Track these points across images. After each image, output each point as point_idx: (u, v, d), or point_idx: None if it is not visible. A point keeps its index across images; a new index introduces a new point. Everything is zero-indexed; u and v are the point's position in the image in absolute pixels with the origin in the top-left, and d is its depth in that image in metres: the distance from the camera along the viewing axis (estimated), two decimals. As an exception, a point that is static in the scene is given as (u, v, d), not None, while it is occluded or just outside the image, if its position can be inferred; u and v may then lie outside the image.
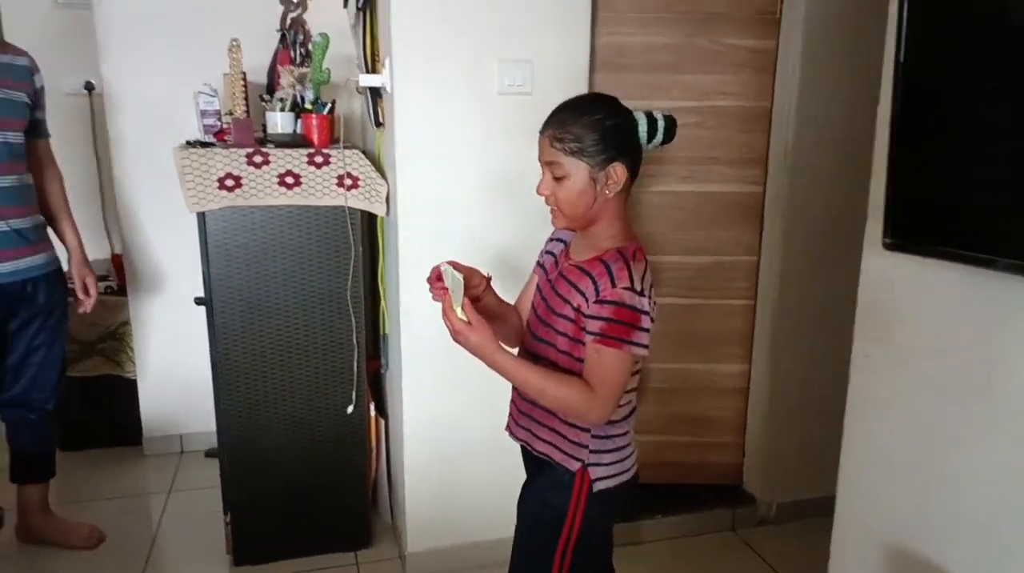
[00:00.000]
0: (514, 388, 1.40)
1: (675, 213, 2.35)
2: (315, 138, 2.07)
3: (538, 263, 1.45)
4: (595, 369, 1.23)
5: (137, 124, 2.68)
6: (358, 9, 2.05)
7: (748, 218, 2.37)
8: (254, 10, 2.52)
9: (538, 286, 1.41)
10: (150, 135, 2.66)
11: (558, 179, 1.25)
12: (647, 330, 1.22)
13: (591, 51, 2.02)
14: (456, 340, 1.26)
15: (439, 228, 2.00)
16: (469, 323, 1.23)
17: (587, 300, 1.23)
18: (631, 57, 2.22)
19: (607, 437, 1.32)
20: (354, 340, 2.17)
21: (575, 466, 1.31)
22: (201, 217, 1.98)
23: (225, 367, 2.08)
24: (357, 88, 2.20)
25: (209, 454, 2.82)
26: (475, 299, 1.32)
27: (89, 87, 3.03)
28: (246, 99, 2.11)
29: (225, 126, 2.16)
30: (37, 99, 2.10)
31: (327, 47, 2.11)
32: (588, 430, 1.31)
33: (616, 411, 1.28)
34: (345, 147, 2.06)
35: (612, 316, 1.20)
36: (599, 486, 1.31)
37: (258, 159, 1.97)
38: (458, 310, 1.24)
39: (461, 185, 1.99)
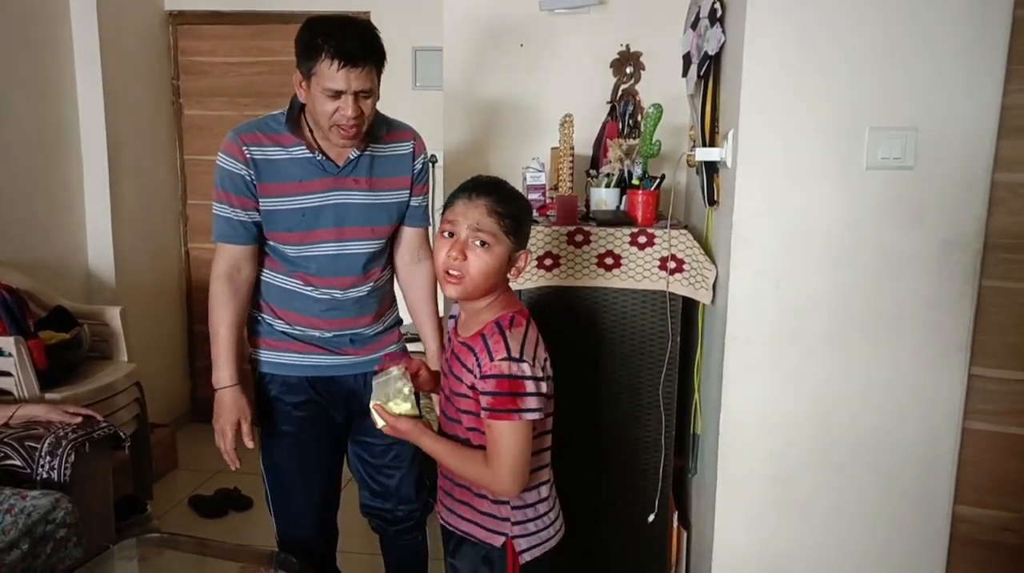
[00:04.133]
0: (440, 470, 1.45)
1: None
2: (639, 215, 1.91)
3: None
4: (490, 444, 1.27)
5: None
6: (699, 77, 1.87)
7: None
8: (584, 83, 2.48)
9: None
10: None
11: (482, 246, 1.26)
12: (536, 394, 1.25)
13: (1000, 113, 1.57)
14: (385, 430, 1.35)
15: (775, 325, 1.69)
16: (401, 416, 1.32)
17: (476, 377, 1.27)
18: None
19: (527, 506, 1.35)
20: (662, 440, 1.94)
21: (499, 541, 1.34)
22: (517, 293, 1.93)
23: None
24: (689, 162, 2.01)
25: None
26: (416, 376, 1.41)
27: (433, 160, 3.29)
28: (572, 175, 2.04)
29: (549, 201, 2.11)
30: (413, 187, 1.75)
31: (659, 119, 1.96)
32: (507, 503, 1.33)
33: (531, 478, 1.30)
34: (672, 226, 1.86)
35: (495, 389, 1.24)
36: (526, 558, 1.34)
37: (579, 238, 1.86)
38: (393, 405, 1.32)
39: (808, 277, 1.66)
